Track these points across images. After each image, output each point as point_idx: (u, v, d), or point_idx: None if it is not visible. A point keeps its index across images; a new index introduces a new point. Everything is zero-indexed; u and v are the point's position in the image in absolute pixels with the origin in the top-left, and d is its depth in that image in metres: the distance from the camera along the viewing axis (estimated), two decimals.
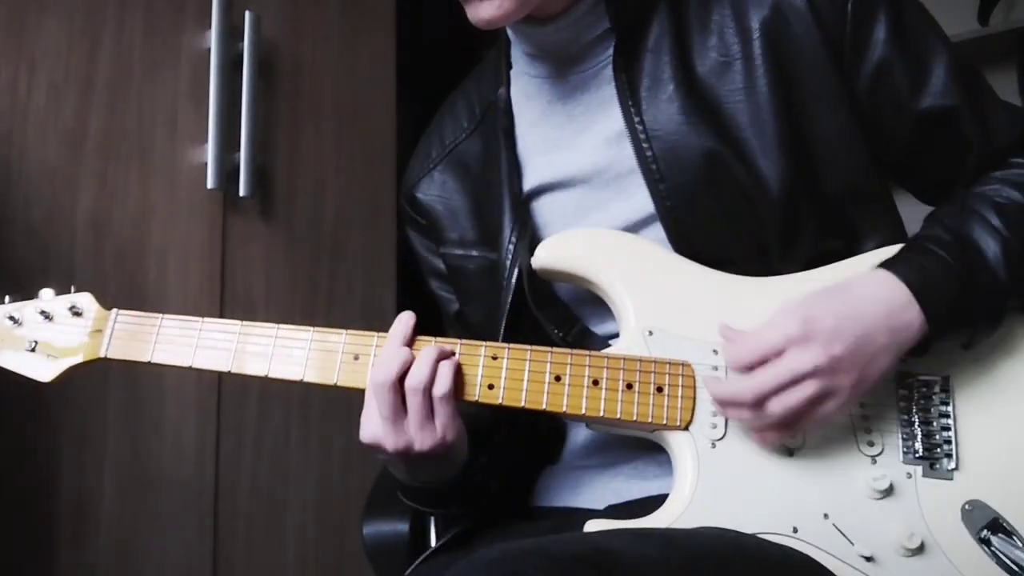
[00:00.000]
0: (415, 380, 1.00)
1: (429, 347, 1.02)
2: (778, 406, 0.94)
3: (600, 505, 1.11)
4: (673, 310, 1.05)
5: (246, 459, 1.96)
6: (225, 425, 1.93)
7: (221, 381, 1.92)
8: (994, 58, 2.49)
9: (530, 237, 1.15)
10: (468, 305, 1.26)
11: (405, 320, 1.05)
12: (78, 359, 1.11)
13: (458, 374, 1.02)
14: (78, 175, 1.77)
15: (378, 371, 1.01)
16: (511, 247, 1.15)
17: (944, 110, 1.09)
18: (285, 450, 2.02)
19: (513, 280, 1.14)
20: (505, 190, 1.18)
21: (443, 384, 1.00)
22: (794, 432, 0.98)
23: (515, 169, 1.19)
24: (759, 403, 0.95)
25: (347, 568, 2.08)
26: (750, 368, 0.97)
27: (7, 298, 1.14)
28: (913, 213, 1.20)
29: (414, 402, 1.00)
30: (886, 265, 1.00)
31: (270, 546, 1.97)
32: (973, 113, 1.09)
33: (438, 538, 1.20)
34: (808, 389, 0.93)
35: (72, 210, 1.75)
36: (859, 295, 0.97)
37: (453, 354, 1.03)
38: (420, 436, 1.01)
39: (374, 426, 1.02)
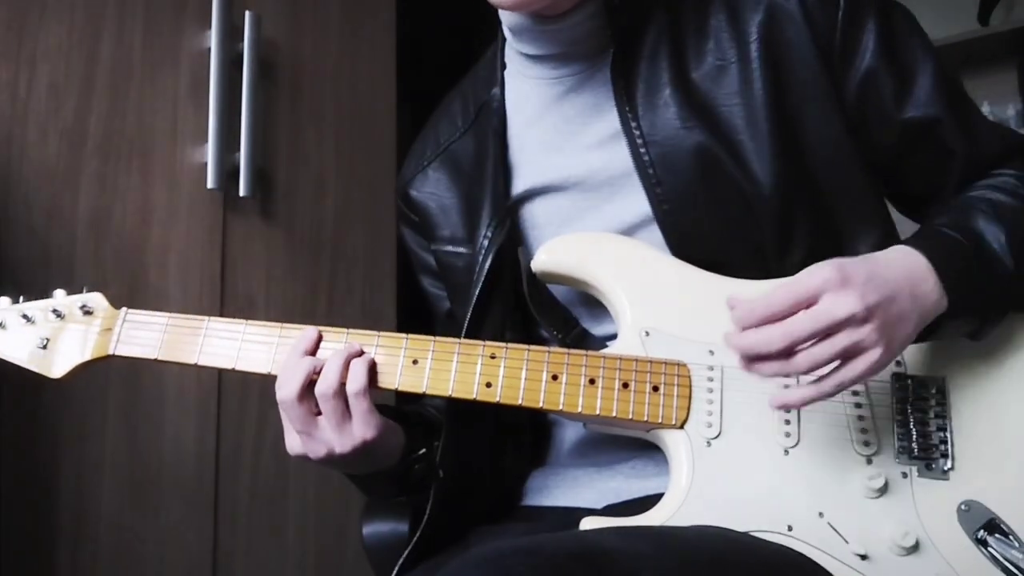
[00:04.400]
0: (324, 385, 1.03)
1: (337, 351, 1.05)
2: (805, 359, 0.91)
3: (598, 505, 1.11)
4: (670, 311, 1.06)
5: (246, 459, 1.96)
6: (225, 425, 1.93)
7: (221, 382, 1.92)
8: (994, 58, 2.49)
9: (508, 236, 1.16)
10: (455, 303, 1.27)
11: (308, 335, 1.07)
12: (87, 356, 1.14)
13: (372, 370, 1.05)
14: (78, 175, 1.77)
15: (280, 388, 1.04)
16: (485, 242, 1.17)
17: (928, 120, 1.10)
18: (285, 450, 2.02)
19: (483, 276, 1.15)
20: (488, 189, 1.19)
21: (356, 381, 1.03)
22: (817, 392, 0.92)
23: (502, 169, 1.20)
24: (788, 352, 0.91)
25: (347, 568, 2.08)
26: (782, 317, 0.91)
27: (21, 298, 1.17)
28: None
29: (326, 408, 1.03)
30: (904, 242, 1.01)
31: (270, 546, 1.98)
32: (958, 124, 1.10)
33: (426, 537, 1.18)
34: (841, 341, 0.90)
35: (72, 210, 1.76)
36: (883, 261, 0.96)
37: (363, 352, 1.06)
38: (339, 440, 1.04)
39: (293, 440, 1.07)
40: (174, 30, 1.94)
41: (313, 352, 1.07)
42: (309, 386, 1.04)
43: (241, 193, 1.97)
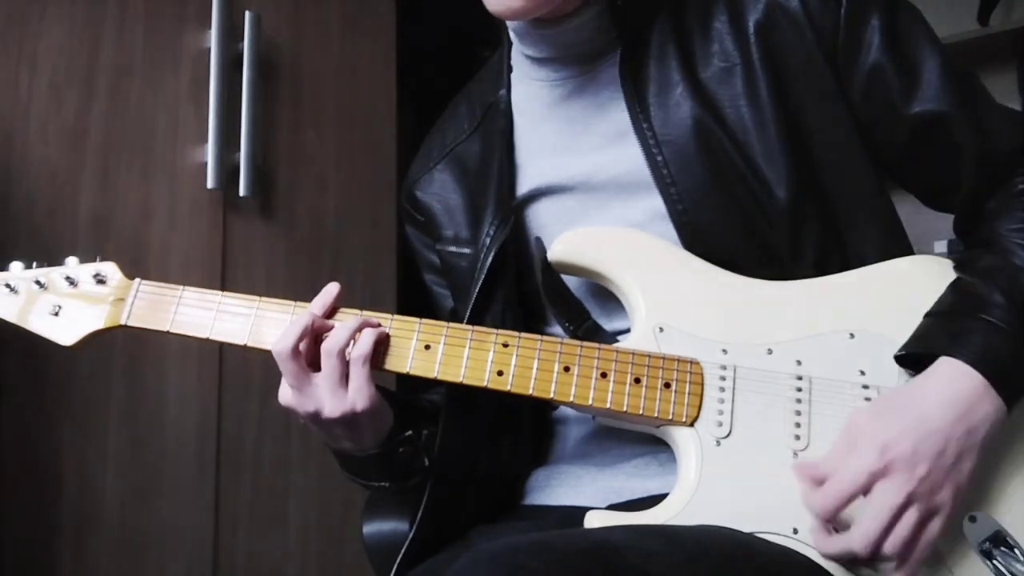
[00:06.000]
0: (331, 344, 1.03)
1: (355, 316, 1.06)
2: (891, 547, 0.91)
3: (601, 504, 1.11)
4: (685, 308, 1.05)
5: (247, 456, 1.96)
6: (226, 422, 1.93)
7: (222, 378, 1.92)
8: (994, 58, 2.49)
9: (512, 235, 1.16)
10: (459, 302, 1.27)
11: (329, 290, 1.08)
12: (99, 325, 1.13)
13: (382, 343, 1.05)
14: (79, 175, 1.77)
15: (277, 340, 1.04)
16: (487, 240, 1.17)
17: (936, 115, 1.08)
18: (286, 447, 2.02)
19: (484, 273, 1.15)
20: (493, 189, 1.19)
21: (361, 347, 1.03)
22: (919, 559, 0.92)
23: (508, 170, 1.20)
24: (874, 553, 0.91)
25: (347, 568, 2.08)
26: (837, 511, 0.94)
27: (34, 264, 1.16)
28: (912, 215, 1.21)
29: (327, 366, 1.03)
30: (951, 352, 0.97)
31: (270, 544, 1.97)
32: (967, 118, 1.08)
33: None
34: (911, 517, 0.91)
35: (73, 210, 1.75)
36: (929, 404, 0.94)
37: (379, 325, 1.06)
38: (330, 403, 1.03)
39: (286, 391, 1.06)
40: (174, 30, 1.94)
41: (325, 314, 1.07)
42: (313, 343, 1.04)
43: (241, 193, 1.97)
